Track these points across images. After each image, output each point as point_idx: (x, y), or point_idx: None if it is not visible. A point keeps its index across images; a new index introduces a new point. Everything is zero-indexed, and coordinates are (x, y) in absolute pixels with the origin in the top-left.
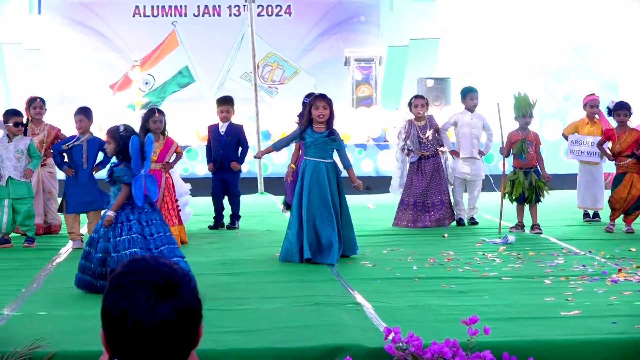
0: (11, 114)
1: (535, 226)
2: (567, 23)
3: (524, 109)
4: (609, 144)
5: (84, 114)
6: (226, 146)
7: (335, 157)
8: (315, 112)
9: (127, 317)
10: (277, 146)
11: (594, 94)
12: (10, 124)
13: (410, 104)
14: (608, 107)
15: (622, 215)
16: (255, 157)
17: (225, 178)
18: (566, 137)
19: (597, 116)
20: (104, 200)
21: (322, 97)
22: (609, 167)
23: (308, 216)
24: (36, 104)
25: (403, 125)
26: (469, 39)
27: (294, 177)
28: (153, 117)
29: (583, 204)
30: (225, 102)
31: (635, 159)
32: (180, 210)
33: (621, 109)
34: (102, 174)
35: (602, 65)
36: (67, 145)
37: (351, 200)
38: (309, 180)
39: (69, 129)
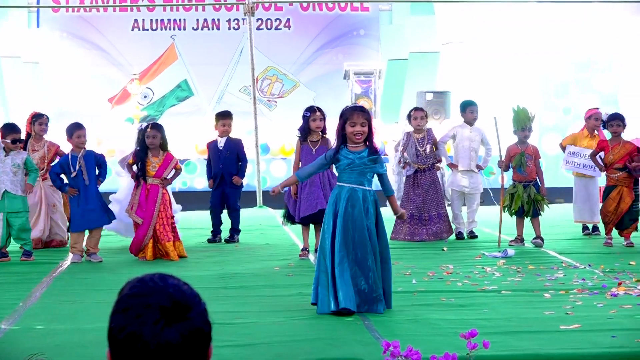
0: (9, 129)
1: (537, 238)
2: (568, 37)
3: (523, 123)
4: (604, 155)
5: (85, 129)
6: (226, 161)
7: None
8: (351, 129)
9: (135, 341)
10: (303, 175)
11: (597, 108)
12: (8, 141)
13: (409, 116)
14: (602, 120)
15: (617, 230)
16: (272, 193)
17: (226, 192)
18: (563, 148)
19: (596, 131)
20: (107, 218)
21: (361, 110)
22: (604, 180)
23: (343, 256)
24: (42, 120)
25: (401, 137)
26: (469, 53)
27: (297, 193)
28: (146, 132)
29: (580, 218)
30: (226, 117)
31: (627, 173)
32: (175, 226)
33: (614, 120)
34: (104, 187)
35: (603, 79)
36: (74, 172)
37: None
38: (344, 212)
39: (67, 144)
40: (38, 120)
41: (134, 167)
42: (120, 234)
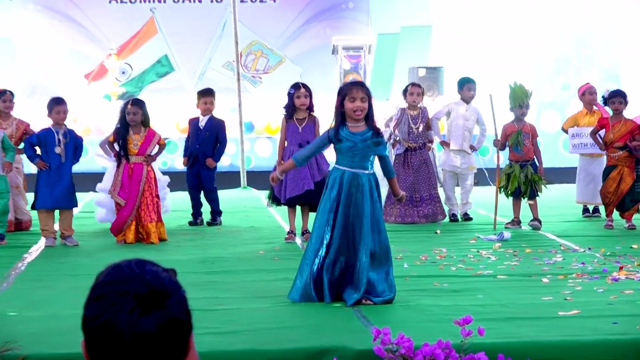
0: None
1: (535, 220)
2: (568, 11)
3: (519, 99)
4: (604, 134)
5: (66, 105)
6: (204, 141)
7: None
8: (351, 105)
9: (109, 330)
10: (301, 159)
11: (588, 83)
12: None
13: (405, 91)
14: (603, 96)
15: (618, 212)
16: (271, 179)
17: (200, 173)
18: (566, 132)
19: (595, 107)
20: (75, 202)
21: (360, 85)
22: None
23: (341, 244)
24: (5, 97)
25: (395, 112)
26: (463, 27)
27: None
28: (126, 108)
29: (582, 199)
30: (208, 94)
31: (628, 152)
32: (159, 206)
33: (616, 97)
34: (77, 168)
35: (603, 54)
36: (60, 147)
37: None
38: (346, 198)
39: (41, 120)
40: (1, 97)
41: (116, 146)
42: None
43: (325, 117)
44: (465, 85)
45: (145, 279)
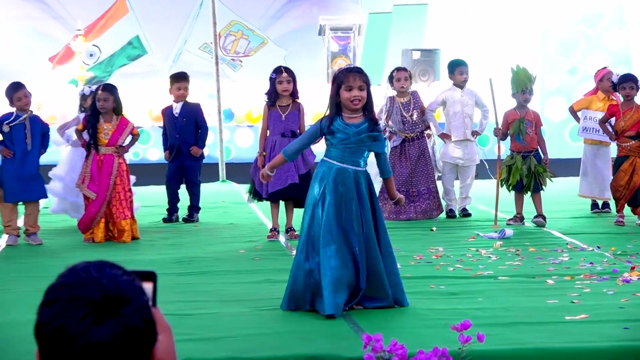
0: None
1: (539, 216)
2: None
3: (523, 84)
4: (614, 122)
5: (26, 88)
6: (183, 129)
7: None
8: (348, 94)
9: (60, 337)
10: (291, 152)
11: (606, 67)
12: None
13: (391, 78)
14: (613, 81)
15: (630, 207)
16: (261, 177)
17: (184, 164)
18: (573, 113)
19: (613, 96)
20: (45, 192)
21: (358, 72)
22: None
23: (334, 248)
24: None
25: (384, 103)
26: (461, 5)
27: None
28: (97, 94)
29: (588, 192)
30: (181, 79)
31: None
32: (132, 201)
33: (627, 81)
34: (44, 159)
35: (613, 36)
36: (8, 125)
37: None
38: (333, 197)
39: (1, 107)
40: None
41: (85, 135)
42: (70, 215)
43: (311, 104)
44: (457, 69)
45: (101, 283)
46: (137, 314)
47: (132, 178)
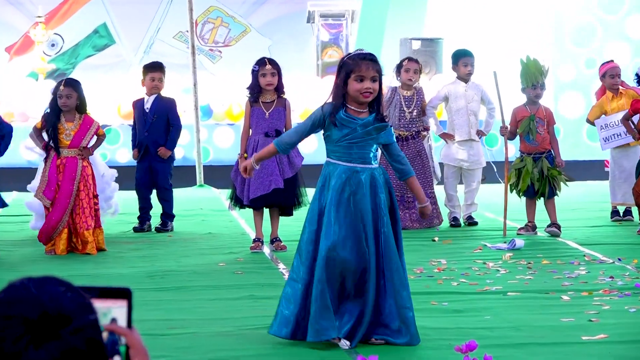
0: None
1: (552, 225)
2: None
3: (533, 78)
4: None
5: None
6: (152, 127)
7: None
8: (359, 86)
9: None
10: (284, 144)
11: (612, 61)
12: None
13: (399, 67)
14: (637, 74)
15: None
16: (243, 170)
17: (153, 167)
18: (592, 124)
19: (621, 88)
20: (3, 201)
21: (372, 60)
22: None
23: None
24: None
25: (385, 92)
26: None
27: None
28: (58, 91)
29: (618, 199)
30: (155, 69)
31: None
32: (97, 209)
33: None
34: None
35: (635, 22)
36: None
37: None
38: (338, 202)
39: None
40: None
41: (44, 135)
42: None
43: (298, 100)
44: (461, 60)
45: (40, 300)
46: (79, 335)
47: (113, 172)
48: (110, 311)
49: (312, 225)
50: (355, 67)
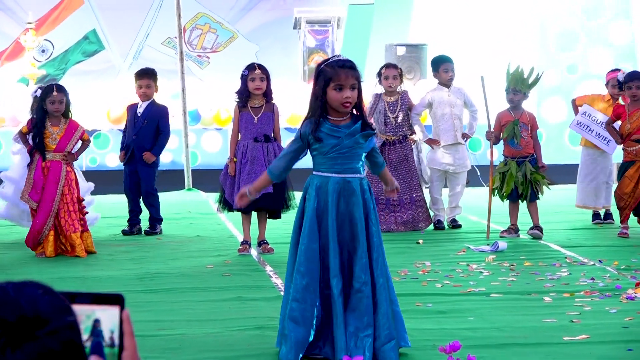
0: None
1: (535, 227)
2: None
3: (514, 82)
4: (620, 125)
5: None
6: (141, 132)
7: None
8: (338, 95)
9: None
10: (277, 172)
11: (617, 70)
12: None
13: (379, 75)
14: (618, 80)
15: (636, 218)
16: (240, 199)
17: (139, 171)
18: (575, 107)
19: (621, 100)
20: None
21: (350, 68)
22: (619, 156)
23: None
24: None
25: (370, 99)
26: None
27: (236, 172)
28: (50, 96)
29: (581, 202)
30: (143, 76)
31: None
32: (86, 213)
33: (633, 80)
34: None
35: (618, 28)
36: None
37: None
38: (334, 214)
39: None
40: None
41: (30, 139)
42: (19, 223)
43: (285, 105)
44: (441, 66)
45: (18, 303)
46: (55, 337)
47: (90, 185)
48: (94, 313)
49: (297, 238)
50: (334, 75)
